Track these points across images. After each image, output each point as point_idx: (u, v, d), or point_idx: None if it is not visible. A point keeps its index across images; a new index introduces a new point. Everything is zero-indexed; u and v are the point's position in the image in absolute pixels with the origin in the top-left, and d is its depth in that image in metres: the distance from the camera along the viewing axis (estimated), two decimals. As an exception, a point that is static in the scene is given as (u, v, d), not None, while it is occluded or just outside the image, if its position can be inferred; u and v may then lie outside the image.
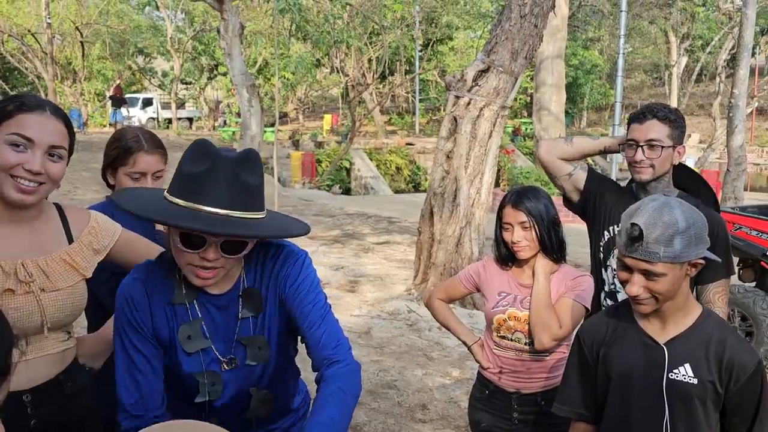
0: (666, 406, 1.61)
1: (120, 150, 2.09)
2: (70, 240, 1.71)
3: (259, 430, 1.70)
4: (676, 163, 2.33)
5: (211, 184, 1.38)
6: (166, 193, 1.46)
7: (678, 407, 1.60)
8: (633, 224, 1.52)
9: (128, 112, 26.69)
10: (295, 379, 1.79)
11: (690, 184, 2.44)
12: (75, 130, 1.72)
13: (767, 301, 5.31)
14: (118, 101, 24.18)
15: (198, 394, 1.56)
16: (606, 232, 2.43)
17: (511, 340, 2.20)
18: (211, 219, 1.36)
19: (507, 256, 2.25)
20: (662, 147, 2.24)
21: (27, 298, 1.57)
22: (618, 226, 2.37)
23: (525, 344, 2.18)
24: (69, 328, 1.72)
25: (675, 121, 2.26)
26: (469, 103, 6.11)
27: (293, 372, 1.77)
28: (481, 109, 6.08)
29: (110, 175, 2.14)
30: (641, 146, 2.26)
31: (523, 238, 2.14)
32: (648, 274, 1.54)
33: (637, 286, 1.56)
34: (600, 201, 2.46)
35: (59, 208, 1.75)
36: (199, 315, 1.55)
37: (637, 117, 2.29)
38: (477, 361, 2.32)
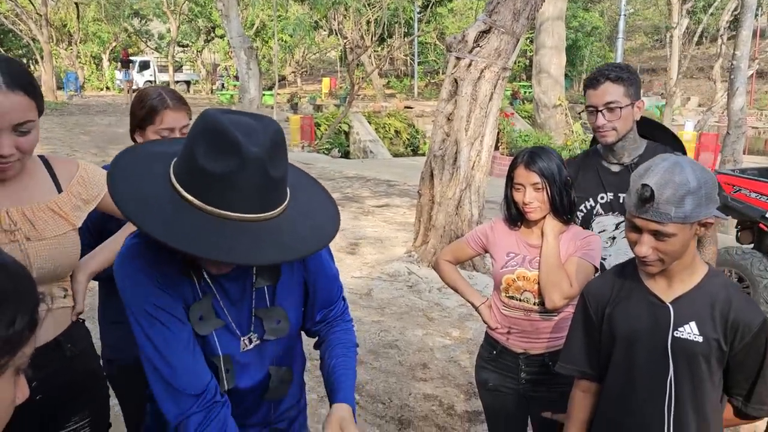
0: (670, 364, 1.62)
1: (147, 109, 2.09)
2: (59, 190, 1.67)
3: (276, 414, 1.59)
4: (638, 119, 2.34)
5: (239, 189, 1.18)
6: (175, 181, 1.22)
7: (682, 365, 1.61)
8: (644, 185, 1.50)
9: (131, 73, 27.73)
10: (302, 357, 1.67)
11: (654, 133, 2.46)
12: (72, 93, 1.68)
13: (765, 263, 5.37)
14: (127, 63, 26.49)
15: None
16: (583, 207, 2.44)
17: (520, 300, 2.20)
18: (240, 228, 1.19)
19: (516, 217, 2.23)
20: (621, 108, 2.25)
21: (11, 247, 1.53)
22: (591, 199, 2.41)
23: (534, 304, 2.18)
24: (65, 284, 1.69)
25: (628, 79, 2.26)
26: (470, 65, 6.06)
27: (301, 348, 1.65)
28: (482, 71, 6.04)
29: (139, 135, 2.14)
30: (600, 111, 2.27)
31: (534, 199, 2.11)
32: (658, 235, 1.53)
33: (646, 246, 1.55)
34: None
35: (45, 161, 1.70)
36: (212, 289, 1.38)
37: (591, 82, 2.29)
38: (485, 322, 2.32)
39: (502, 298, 2.25)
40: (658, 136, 2.46)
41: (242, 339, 1.43)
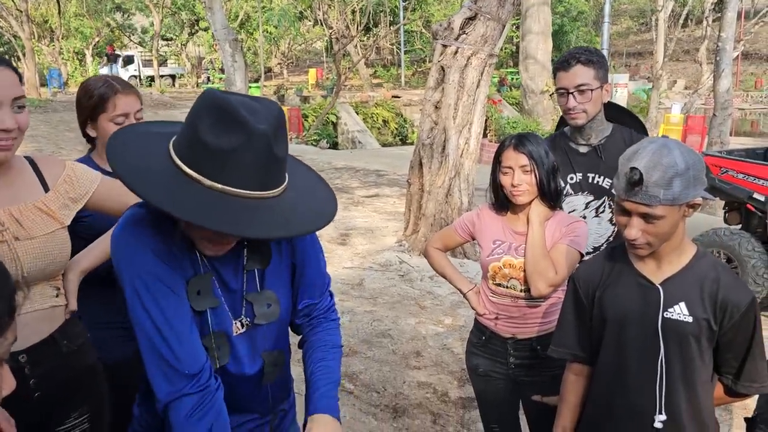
0: (661, 344, 1.63)
1: (96, 98, 2.07)
2: (46, 189, 1.67)
3: (272, 409, 1.57)
4: (606, 101, 2.38)
5: (244, 164, 1.17)
6: (176, 157, 1.21)
7: (673, 345, 1.63)
8: (633, 168, 1.50)
9: (117, 68, 28.32)
10: (290, 349, 1.62)
11: (618, 116, 2.51)
12: (56, 89, 1.68)
13: (752, 243, 5.41)
14: (114, 57, 27.96)
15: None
16: None
17: (507, 287, 2.21)
18: (242, 205, 1.18)
19: (503, 202, 2.23)
20: (591, 90, 2.29)
21: (0, 248, 1.53)
22: (561, 180, 2.39)
23: (520, 291, 2.19)
24: (57, 284, 1.69)
25: (598, 62, 2.30)
26: (456, 52, 6.05)
27: (288, 338, 1.59)
28: (469, 58, 6.02)
29: (91, 128, 2.11)
30: (571, 93, 2.30)
31: (523, 181, 2.11)
32: (647, 217, 1.53)
33: (635, 229, 1.56)
34: None
35: (31, 161, 1.71)
36: (210, 268, 1.36)
37: (562, 65, 2.32)
38: (473, 308, 2.33)
39: (490, 285, 2.26)
40: (624, 120, 2.51)
41: (234, 323, 1.41)
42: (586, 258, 2.38)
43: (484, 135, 12.51)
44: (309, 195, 1.35)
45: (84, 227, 1.87)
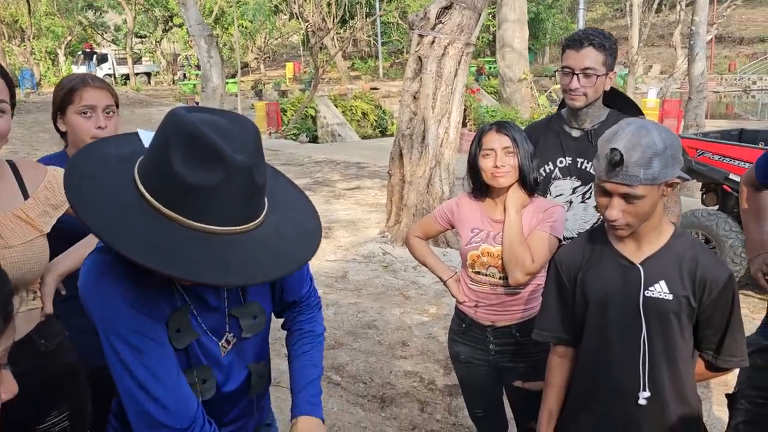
0: (643, 323, 1.66)
1: (65, 90, 2.06)
2: (26, 196, 1.66)
3: (258, 411, 1.54)
4: (607, 89, 2.36)
5: (225, 201, 1.09)
6: (145, 191, 1.10)
7: (654, 323, 1.66)
8: (613, 149, 1.52)
9: (95, 65, 28.14)
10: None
11: (615, 101, 2.49)
12: (29, 90, 1.65)
13: (729, 223, 5.49)
14: (91, 54, 28.34)
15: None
16: (542, 171, 2.45)
17: (486, 275, 2.22)
18: (227, 243, 1.10)
19: (481, 188, 2.23)
20: (597, 76, 2.26)
21: None
22: (551, 163, 2.43)
23: (499, 279, 2.20)
24: (34, 287, 1.68)
25: (609, 48, 2.28)
26: (433, 42, 6.05)
27: (268, 339, 1.56)
28: (446, 47, 6.03)
29: (60, 121, 2.10)
30: (577, 74, 2.27)
31: (507, 163, 2.11)
32: (628, 198, 1.56)
33: (616, 210, 1.58)
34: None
35: (12, 165, 1.69)
36: (187, 300, 1.28)
37: (574, 43, 2.28)
38: (453, 295, 2.35)
39: (469, 274, 2.27)
40: (622, 106, 2.49)
41: (220, 344, 1.34)
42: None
43: (464, 124, 12.54)
44: (288, 209, 1.27)
45: (63, 230, 1.85)
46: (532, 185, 2.19)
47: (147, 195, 1.09)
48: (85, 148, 1.24)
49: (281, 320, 1.65)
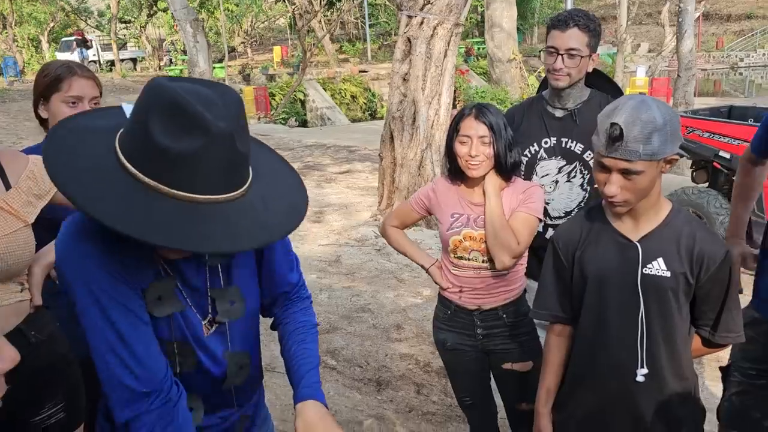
0: (641, 300, 1.66)
1: (51, 78, 2.01)
2: (8, 186, 1.63)
3: (239, 406, 1.49)
4: (590, 70, 2.38)
5: (207, 169, 1.08)
6: (126, 161, 1.09)
7: (652, 300, 1.66)
8: (613, 124, 1.51)
9: (86, 52, 28.67)
10: (259, 343, 1.54)
11: (596, 81, 2.51)
12: (13, 78, 1.60)
13: (719, 200, 5.52)
14: (83, 41, 28.39)
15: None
16: (527, 152, 2.45)
17: (468, 259, 2.19)
18: (210, 212, 1.09)
19: (458, 172, 2.18)
20: (581, 57, 2.28)
21: None
22: (536, 144, 2.42)
23: (482, 262, 2.17)
24: (21, 279, 1.66)
25: (594, 30, 2.28)
26: (422, 23, 6.00)
27: (258, 332, 1.52)
28: (435, 28, 5.98)
29: (43, 108, 2.05)
30: (561, 54, 2.28)
31: (481, 153, 2.07)
32: (627, 173, 1.55)
33: (615, 185, 1.57)
34: (516, 134, 2.50)
35: None
36: (171, 273, 1.28)
37: (559, 24, 2.29)
38: (436, 283, 2.32)
39: (451, 259, 2.23)
40: (601, 86, 2.51)
41: (203, 323, 1.34)
42: (559, 222, 2.40)
43: (454, 105, 12.51)
44: (274, 183, 1.25)
45: (49, 219, 1.82)
46: (509, 172, 2.16)
47: (127, 164, 1.08)
48: (65, 120, 1.21)
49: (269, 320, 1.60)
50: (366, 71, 23.05)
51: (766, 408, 2.10)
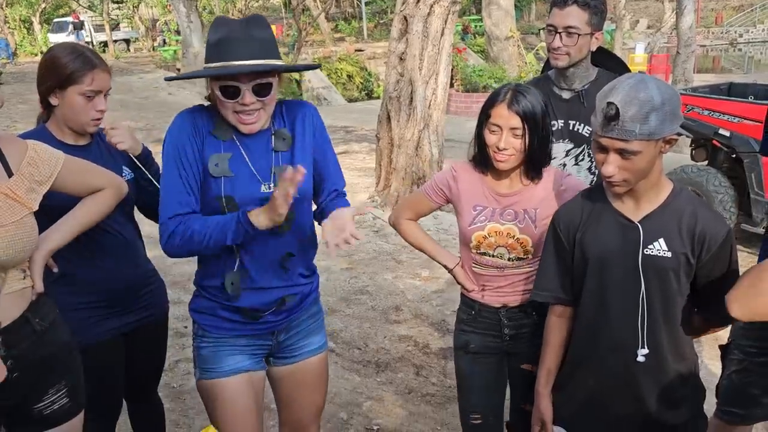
0: (642, 281, 1.66)
1: (71, 69, 1.96)
2: (10, 173, 1.61)
3: (288, 280, 1.89)
4: (594, 49, 2.34)
5: (231, 44, 1.68)
6: (204, 64, 1.74)
7: (653, 281, 1.65)
8: (609, 103, 1.50)
9: (83, 35, 28.61)
10: (314, 242, 1.99)
11: (605, 61, 2.48)
12: (4, 60, 1.56)
13: (719, 179, 5.49)
14: (79, 25, 28.03)
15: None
16: None
17: (493, 256, 2.01)
18: (238, 68, 1.67)
19: (485, 160, 1.98)
20: (579, 35, 2.24)
21: None
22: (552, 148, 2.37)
23: (508, 260, 2.00)
24: (23, 266, 1.66)
25: (595, 7, 2.24)
26: (419, 1, 5.92)
27: (313, 231, 1.97)
28: (432, 6, 5.90)
29: (55, 96, 2.00)
30: (559, 32, 2.26)
31: (511, 146, 1.87)
32: (624, 153, 1.54)
33: (612, 165, 1.56)
34: None
35: None
36: (234, 150, 1.79)
37: (559, 1, 2.27)
38: (459, 284, 2.13)
39: (473, 255, 2.05)
40: (611, 66, 2.48)
41: (263, 184, 1.79)
42: None
43: (451, 85, 12.40)
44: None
45: (48, 206, 1.79)
46: (540, 166, 1.97)
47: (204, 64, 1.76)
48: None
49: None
50: (362, 50, 22.84)
51: (766, 385, 2.10)
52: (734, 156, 5.54)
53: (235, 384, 1.87)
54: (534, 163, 1.94)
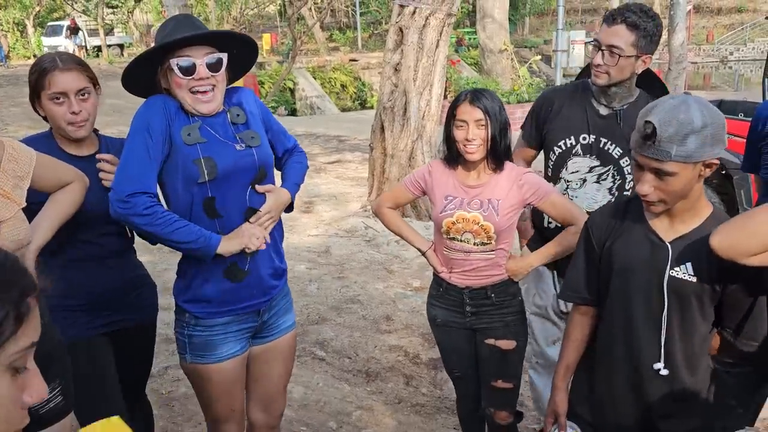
0: (665, 300, 1.65)
1: (36, 75, 1.97)
2: None
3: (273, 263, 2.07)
4: (639, 72, 2.26)
5: (179, 26, 1.89)
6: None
7: (676, 302, 1.64)
8: (647, 122, 1.49)
9: (80, 40, 29.28)
10: (281, 238, 2.17)
11: (649, 85, 2.41)
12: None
13: (708, 195, 5.54)
14: (76, 30, 28.83)
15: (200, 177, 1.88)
16: (562, 144, 2.40)
17: (460, 241, 2.25)
18: (191, 36, 1.86)
19: (455, 156, 2.24)
20: (620, 56, 2.16)
21: None
22: (573, 137, 2.37)
23: (474, 244, 2.23)
24: None
25: (645, 29, 2.15)
26: (414, 12, 5.96)
27: (280, 223, 2.15)
28: (427, 18, 5.94)
29: (38, 106, 2.01)
30: (602, 50, 2.19)
31: (477, 136, 2.13)
32: (659, 173, 1.52)
33: (647, 185, 1.55)
34: (554, 118, 2.44)
35: None
36: (199, 121, 1.93)
37: (608, 18, 2.20)
38: (431, 266, 2.40)
39: (444, 240, 2.30)
40: (652, 90, 2.39)
41: (233, 144, 1.95)
42: None
43: (445, 96, 12.45)
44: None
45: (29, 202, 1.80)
46: (502, 158, 2.20)
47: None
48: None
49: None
50: (356, 60, 22.92)
51: None
52: (724, 172, 5.59)
53: (227, 366, 2.02)
54: (496, 151, 2.17)
